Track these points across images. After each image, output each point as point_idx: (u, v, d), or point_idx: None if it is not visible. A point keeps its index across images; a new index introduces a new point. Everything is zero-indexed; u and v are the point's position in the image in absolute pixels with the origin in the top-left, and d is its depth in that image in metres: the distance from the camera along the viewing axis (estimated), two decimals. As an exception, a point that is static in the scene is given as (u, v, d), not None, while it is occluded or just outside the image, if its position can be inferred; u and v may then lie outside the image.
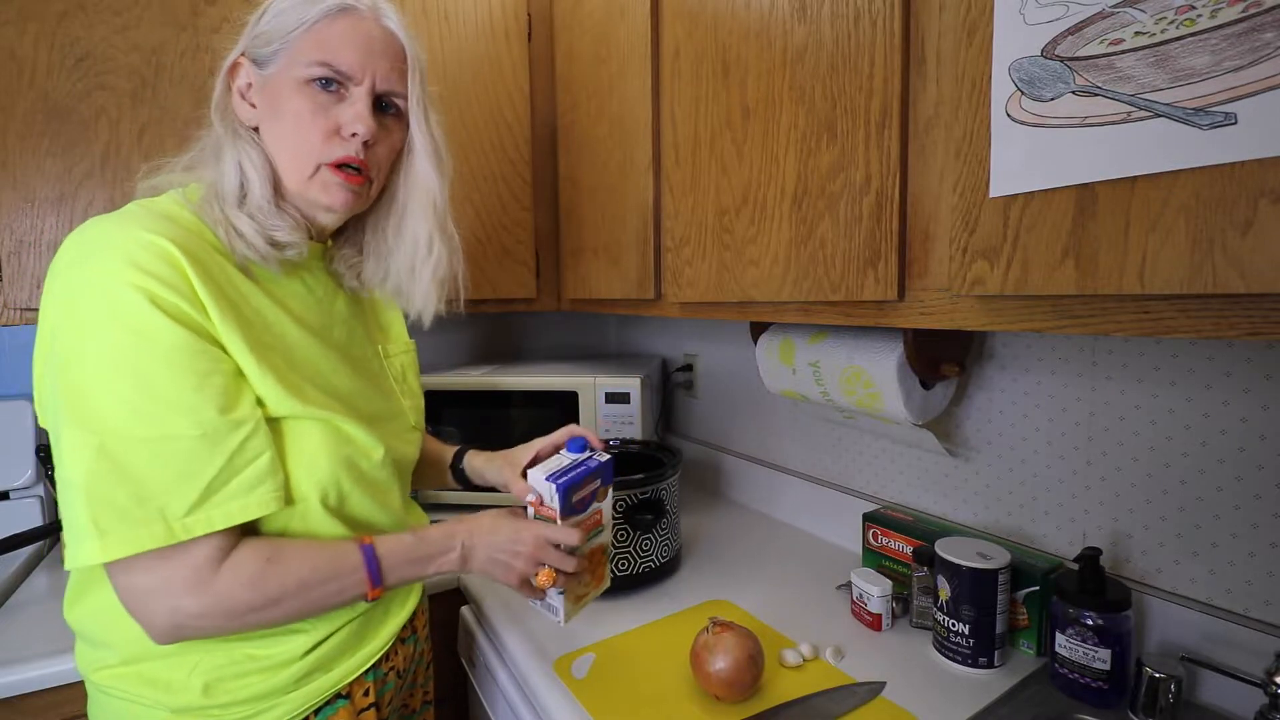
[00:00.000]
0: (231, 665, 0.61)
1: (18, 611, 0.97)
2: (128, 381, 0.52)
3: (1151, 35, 0.43)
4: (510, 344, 1.85)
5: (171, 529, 0.52)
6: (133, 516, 0.51)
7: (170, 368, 0.53)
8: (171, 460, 0.53)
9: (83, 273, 0.53)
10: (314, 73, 0.60)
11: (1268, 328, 0.42)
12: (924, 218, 0.63)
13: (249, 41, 0.63)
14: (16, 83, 1.01)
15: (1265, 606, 0.68)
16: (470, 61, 1.32)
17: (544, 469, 0.75)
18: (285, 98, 0.61)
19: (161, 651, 0.60)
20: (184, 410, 0.53)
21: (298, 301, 0.68)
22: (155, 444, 0.52)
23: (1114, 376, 0.79)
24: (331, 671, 0.66)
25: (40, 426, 1.23)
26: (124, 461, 0.51)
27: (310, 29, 0.60)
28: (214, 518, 0.54)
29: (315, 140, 0.62)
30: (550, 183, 1.42)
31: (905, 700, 0.73)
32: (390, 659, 0.73)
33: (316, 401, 0.63)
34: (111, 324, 0.52)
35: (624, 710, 0.72)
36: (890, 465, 1.10)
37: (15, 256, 1.03)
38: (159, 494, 0.52)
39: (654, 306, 1.10)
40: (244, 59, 0.63)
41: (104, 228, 0.55)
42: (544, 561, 0.70)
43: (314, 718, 0.65)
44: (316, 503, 0.63)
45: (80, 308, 0.52)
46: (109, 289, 0.52)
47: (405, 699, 0.80)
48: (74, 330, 0.52)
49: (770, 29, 0.77)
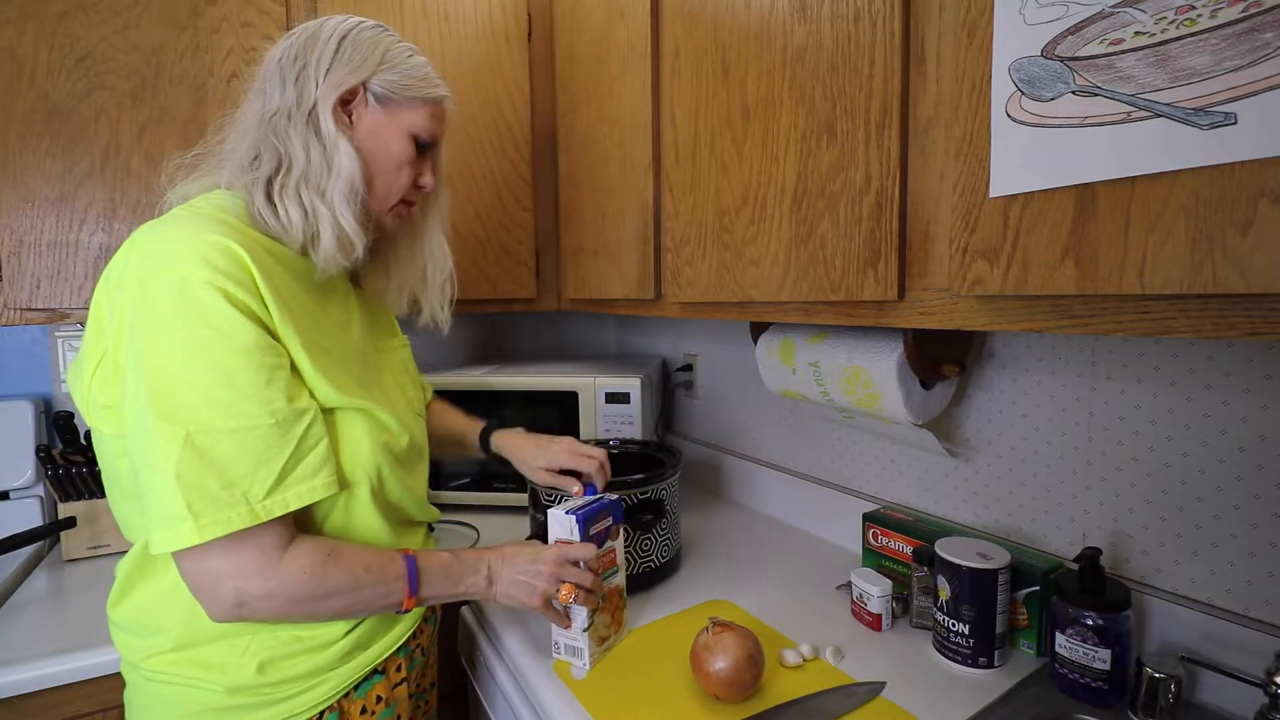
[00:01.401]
0: (281, 646, 0.66)
1: (18, 611, 0.98)
2: (210, 375, 0.56)
3: (1151, 35, 0.43)
4: (510, 344, 1.85)
5: (255, 511, 0.57)
6: (221, 500, 0.56)
7: (247, 361, 0.57)
8: (251, 448, 0.57)
9: (159, 272, 0.56)
10: (423, 136, 0.74)
11: (1268, 328, 0.42)
12: (924, 218, 0.63)
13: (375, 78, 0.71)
14: (16, 83, 1.01)
15: (1265, 606, 0.68)
16: (470, 62, 1.32)
17: (563, 508, 0.81)
18: (391, 137, 0.72)
19: (214, 635, 0.64)
20: (260, 401, 0.58)
21: (329, 301, 0.74)
22: (237, 434, 0.57)
23: (1114, 376, 0.79)
24: (370, 649, 0.72)
25: (53, 426, 1.24)
26: (210, 450, 0.56)
27: (430, 102, 0.75)
28: (289, 499, 0.60)
29: (406, 182, 0.75)
30: (550, 183, 1.42)
31: (905, 700, 0.73)
32: (417, 637, 0.80)
33: (355, 393, 0.68)
34: (191, 320, 0.56)
35: (624, 710, 0.72)
36: (890, 465, 1.10)
37: (15, 256, 1.03)
38: (242, 479, 0.57)
39: (654, 306, 1.10)
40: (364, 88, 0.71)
41: (169, 232, 0.58)
42: (564, 578, 0.75)
43: (354, 692, 0.71)
44: (365, 487, 0.69)
45: (159, 305, 0.56)
46: (187, 287, 0.56)
47: (419, 678, 0.85)
48: (154, 326, 0.56)
49: (770, 29, 0.77)
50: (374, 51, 0.71)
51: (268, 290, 0.60)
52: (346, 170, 0.67)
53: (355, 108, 0.71)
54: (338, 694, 0.69)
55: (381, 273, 0.83)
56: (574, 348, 1.94)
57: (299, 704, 0.67)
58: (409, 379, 0.86)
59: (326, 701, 0.68)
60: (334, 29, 0.71)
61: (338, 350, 0.71)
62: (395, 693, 0.75)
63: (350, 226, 0.67)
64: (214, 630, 0.64)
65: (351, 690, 0.71)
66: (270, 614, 0.61)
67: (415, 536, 0.82)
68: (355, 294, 0.81)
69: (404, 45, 0.74)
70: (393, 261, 0.83)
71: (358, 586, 0.65)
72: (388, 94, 0.71)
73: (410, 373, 0.88)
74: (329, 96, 0.68)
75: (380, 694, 0.73)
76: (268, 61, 0.71)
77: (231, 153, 0.69)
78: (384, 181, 0.73)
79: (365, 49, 0.71)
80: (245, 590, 0.59)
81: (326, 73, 0.68)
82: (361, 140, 0.70)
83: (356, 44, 0.70)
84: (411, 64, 0.73)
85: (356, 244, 0.68)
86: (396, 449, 0.73)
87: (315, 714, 0.68)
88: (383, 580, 0.66)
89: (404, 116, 0.72)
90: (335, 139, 0.67)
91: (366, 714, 0.72)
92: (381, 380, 0.79)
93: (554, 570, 0.75)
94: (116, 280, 0.58)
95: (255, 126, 0.68)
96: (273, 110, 0.68)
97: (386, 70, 0.71)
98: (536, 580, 0.74)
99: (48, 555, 1.20)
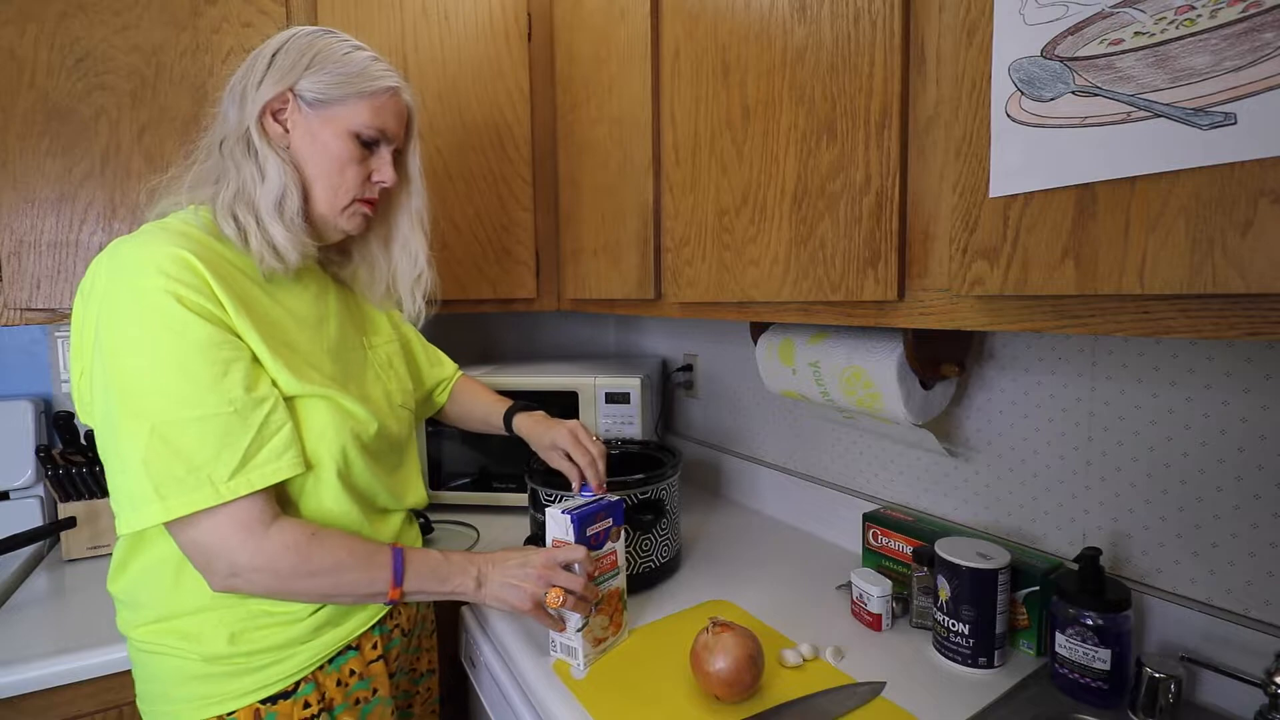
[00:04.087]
0: (251, 619, 0.70)
1: (18, 611, 0.98)
2: (169, 371, 0.61)
3: (1151, 35, 0.43)
4: (510, 344, 1.85)
5: (219, 490, 0.62)
6: (187, 484, 0.61)
7: (202, 357, 0.62)
8: (213, 434, 0.62)
9: (121, 283, 0.62)
10: (367, 133, 0.74)
11: (1268, 328, 0.42)
12: (924, 218, 0.63)
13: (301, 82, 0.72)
14: (16, 83, 1.01)
15: (1265, 606, 0.68)
16: (470, 61, 1.32)
17: (560, 507, 0.82)
18: (329, 139, 0.73)
19: (190, 609, 0.69)
20: (218, 392, 0.63)
21: (296, 299, 0.77)
22: (199, 422, 0.61)
23: (1114, 376, 0.79)
24: (341, 625, 0.75)
25: (53, 426, 1.24)
26: (175, 439, 0.61)
27: (367, 97, 0.73)
28: (253, 479, 0.64)
29: (354, 182, 0.75)
30: (550, 183, 1.42)
31: (905, 700, 0.73)
32: (394, 617, 0.83)
33: (318, 381, 0.72)
34: (150, 324, 0.61)
35: (624, 710, 0.72)
36: (890, 465, 1.10)
37: (15, 256, 1.03)
38: (206, 464, 0.62)
39: (654, 306, 1.10)
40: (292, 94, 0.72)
41: (132, 247, 0.63)
42: (553, 582, 0.76)
43: (328, 665, 0.75)
44: (331, 470, 0.72)
45: (120, 312, 0.61)
46: (144, 295, 0.61)
47: (413, 661, 0.89)
48: (117, 331, 0.61)
49: (770, 29, 0.77)
50: (302, 57, 0.72)
51: (224, 293, 0.65)
52: (273, 182, 0.70)
53: (288, 116, 0.72)
54: (311, 666, 0.73)
55: (356, 270, 0.86)
56: (574, 348, 1.94)
57: (273, 674, 0.71)
58: (393, 373, 0.89)
59: (301, 673, 0.72)
60: (272, 44, 0.73)
61: (305, 345, 0.75)
62: (371, 668, 0.78)
63: (278, 236, 0.70)
64: (190, 604, 0.69)
65: (326, 664, 0.74)
66: (262, 587, 0.66)
67: (389, 523, 0.83)
68: (339, 293, 0.86)
69: (343, 43, 0.74)
70: (369, 257, 0.86)
71: (340, 569, 0.68)
72: (317, 97, 0.72)
73: (395, 367, 0.91)
74: (254, 111, 0.71)
75: (354, 668, 0.77)
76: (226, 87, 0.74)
77: (199, 175, 0.74)
78: (327, 184, 0.74)
79: (294, 56, 0.72)
80: (236, 562, 0.64)
81: (259, 87, 0.71)
82: (297, 147, 0.72)
83: (287, 53, 0.72)
84: (347, 61, 0.73)
85: (288, 250, 0.71)
86: (364, 436, 0.76)
87: (290, 684, 0.72)
88: (367, 566, 0.70)
89: (340, 116, 0.73)
90: (265, 153, 0.71)
91: (342, 686, 0.76)
92: (360, 374, 0.83)
93: (543, 573, 0.76)
94: (86, 292, 0.64)
95: (215, 151, 0.73)
96: (223, 136, 0.72)
97: (315, 73, 0.72)
98: (525, 583, 0.75)
99: (48, 555, 1.20)
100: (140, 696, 0.75)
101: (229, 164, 0.71)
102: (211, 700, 0.69)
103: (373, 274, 0.86)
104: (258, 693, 0.70)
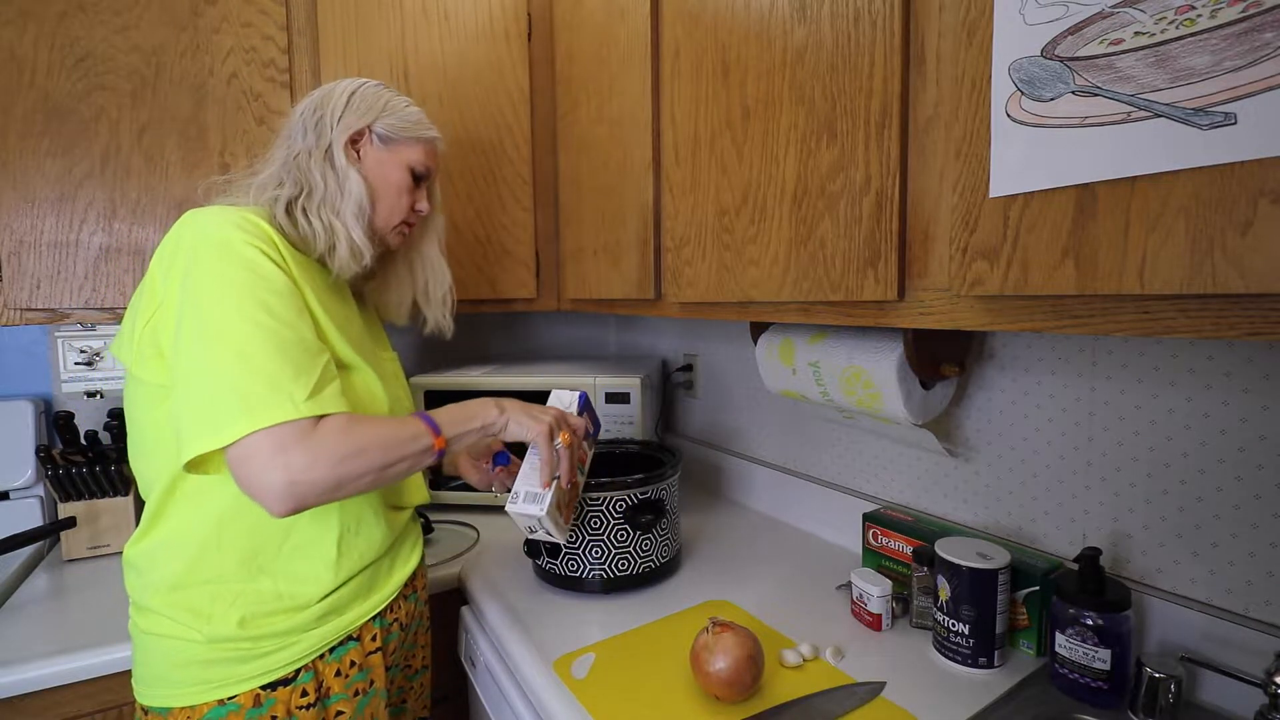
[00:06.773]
0: (264, 603, 0.73)
1: (18, 611, 0.98)
2: (253, 306, 0.68)
3: (1151, 35, 0.43)
4: (510, 344, 1.85)
5: (299, 408, 0.66)
6: (270, 400, 0.65)
7: (281, 300, 0.70)
8: (291, 362, 0.68)
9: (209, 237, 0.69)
10: (418, 169, 0.90)
11: (1268, 328, 0.42)
12: (924, 218, 0.63)
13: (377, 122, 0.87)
14: (16, 83, 1.01)
15: (1265, 606, 0.68)
16: (470, 62, 1.32)
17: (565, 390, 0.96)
18: (392, 169, 0.88)
19: (206, 579, 0.72)
20: (296, 328, 0.70)
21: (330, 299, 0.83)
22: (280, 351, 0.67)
23: (1114, 376, 0.79)
24: (344, 615, 0.78)
25: (53, 426, 1.24)
26: (260, 363, 0.66)
27: (422, 141, 0.91)
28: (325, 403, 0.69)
29: (405, 206, 0.89)
30: (550, 183, 1.42)
31: (905, 700, 0.73)
32: (394, 610, 0.85)
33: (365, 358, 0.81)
34: (235, 266, 0.68)
35: (624, 710, 0.72)
36: (890, 465, 1.10)
37: (15, 256, 1.03)
38: (286, 383, 0.67)
39: (654, 306, 1.10)
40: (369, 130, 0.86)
41: (213, 213, 0.72)
42: (562, 425, 0.86)
43: (329, 654, 0.77)
44: None
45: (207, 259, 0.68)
46: (231, 245, 0.69)
47: (408, 657, 0.91)
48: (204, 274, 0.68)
49: (770, 29, 0.77)
50: (376, 102, 0.87)
51: (290, 261, 0.74)
52: (356, 194, 0.83)
53: (362, 146, 0.86)
54: (312, 654, 0.75)
55: (383, 287, 0.98)
56: (574, 348, 1.95)
57: (275, 660, 0.73)
58: (400, 384, 0.96)
59: (301, 661, 0.74)
60: (345, 88, 0.87)
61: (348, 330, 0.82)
62: (369, 659, 0.81)
63: (359, 238, 0.82)
64: (206, 574, 0.72)
65: (326, 653, 0.77)
66: (321, 483, 0.66)
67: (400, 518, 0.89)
68: (360, 307, 0.93)
69: (401, 98, 0.90)
70: (394, 277, 0.98)
71: (385, 438, 0.71)
72: (388, 134, 0.87)
73: (401, 381, 0.97)
74: (341, 136, 0.84)
75: (354, 659, 0.79)
76: (292, 116, 0.87)
77: (261, 180, 0.83)
78: (387, 205, 0.87)
79: (370, 100, 0.87)
80: (291, 465, 0.65)
81: (339, 119, 0.84)
82: (368, 171, 0.86)
83: (363, 97, 0.87)
84: (407, 112, 0.89)
85: (365, 253, 0.83)
86: None
87: (290, 672, 0.74)
88: (406, 428, 0.74)
89: (402, 153, 0.88)
90: (346, 169, 0.83)
91: (341, 676, 0.77)
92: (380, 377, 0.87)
93: (557, 416, 0.86)
94: (171, 249, 0.70)
95: (281, 163, 0.83)
96: (296, 151, 0.83)
97: (387, 116, 0.87)
98: (544, 416, 0.84)
99: (48, 555, 1.20)
100: (138, 678, 0.75)
101: (306, 175, 0.81)
102: (212, 684, 0.71)
103: (389, 289, 0.98)
104: (260, 678, 0.72)
